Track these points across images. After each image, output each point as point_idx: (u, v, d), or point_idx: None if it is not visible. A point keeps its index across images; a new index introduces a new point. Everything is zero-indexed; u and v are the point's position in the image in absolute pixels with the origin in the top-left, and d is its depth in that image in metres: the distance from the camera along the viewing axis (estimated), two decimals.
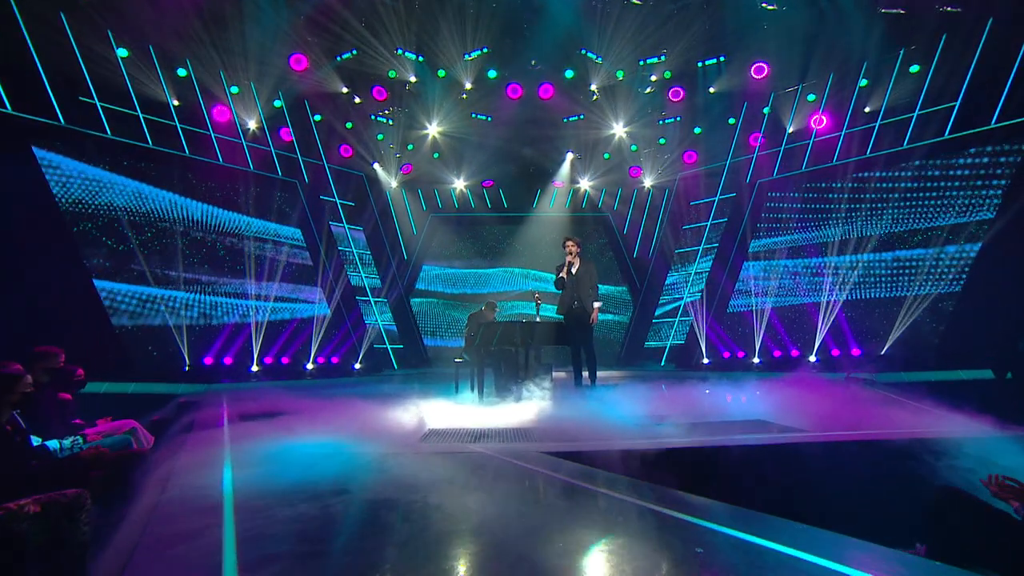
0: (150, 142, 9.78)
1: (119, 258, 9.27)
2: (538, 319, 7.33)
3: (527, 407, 5.86)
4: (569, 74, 12.03)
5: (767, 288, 11.80)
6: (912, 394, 6.33)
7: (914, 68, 10.33)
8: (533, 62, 11.62)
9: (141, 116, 9.74)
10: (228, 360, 10.42)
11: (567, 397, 6.36)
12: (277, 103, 11.99)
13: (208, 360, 10.14)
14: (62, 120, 8.57)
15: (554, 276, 6.94)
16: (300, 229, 12.19)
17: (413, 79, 12.04)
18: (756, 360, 11.53)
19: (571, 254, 6.72)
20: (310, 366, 11.63)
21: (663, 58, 11.48)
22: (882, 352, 10.01)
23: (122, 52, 9.55)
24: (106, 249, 9.18)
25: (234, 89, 11.25)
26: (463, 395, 7.64)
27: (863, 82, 10.85)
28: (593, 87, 12.22)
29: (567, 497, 2.97)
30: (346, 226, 13.58)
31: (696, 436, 4.26)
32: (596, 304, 6.66)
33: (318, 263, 12.24)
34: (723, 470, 3.65)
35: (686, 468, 3.51)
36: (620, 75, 11.97)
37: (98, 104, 9.15)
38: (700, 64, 11.61)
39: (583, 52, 11.56)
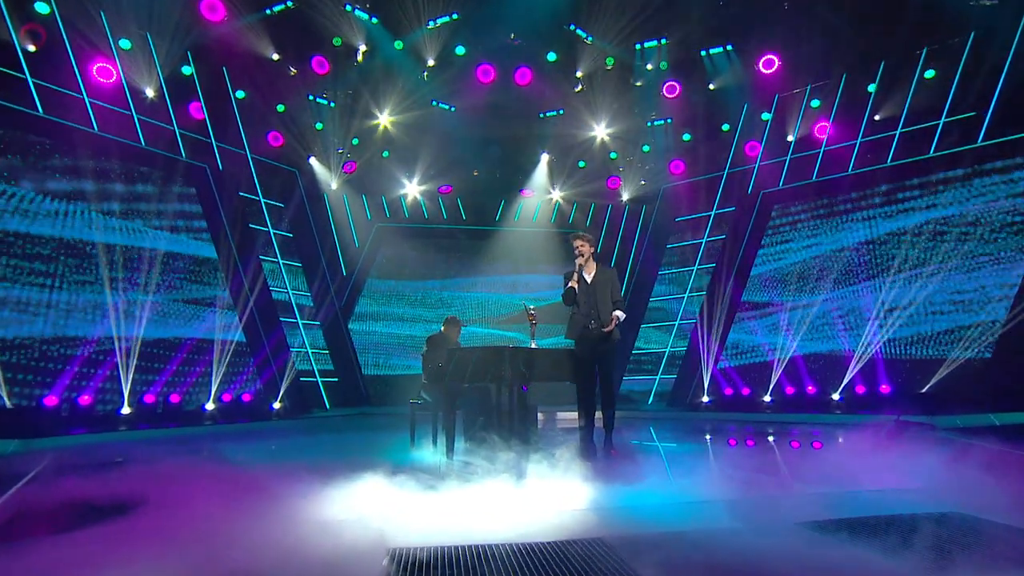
0: None
1: None
2: (533, 345, 5.11)
3: (549, 489, 3.53)
4: (552, 56, 10.16)
5: (777, 314, 10.12)
6: None
7: (929, 73, 9.35)
8: (512, 36, 9.64)
9: None
10: (85, 399, 7.45)
11: (604, 467, 4.10)
12: (187, 69, 9.39)
13: (51, 400, 7.15)
14: None
15: (561, 288, 4.87)
16: (208, 229, 9.42)
17: (363, 48, 9.78)
18: (767, 399, 9.73)
19: (582, 256, 4.79)
20: (210, 406, 8.75)
21: (664, 42, 9.83)
22: (923, 390, 8.44)
23: None
24: None
25: (124, 43, 8.59)
26: (423, 451, 5.37)
27: (871, 86, 9.68)
28: (579, 74, 10.38)
29: None
30: (271, 231, 10.90)
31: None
32: (618, 312, 4.63)
33: (228, 272, 9.45)
34: None
35: None
36: (610, 63, 10.24)
37: None
38: (704, 52, 10.02)
39: (571, 28, 9.73)
